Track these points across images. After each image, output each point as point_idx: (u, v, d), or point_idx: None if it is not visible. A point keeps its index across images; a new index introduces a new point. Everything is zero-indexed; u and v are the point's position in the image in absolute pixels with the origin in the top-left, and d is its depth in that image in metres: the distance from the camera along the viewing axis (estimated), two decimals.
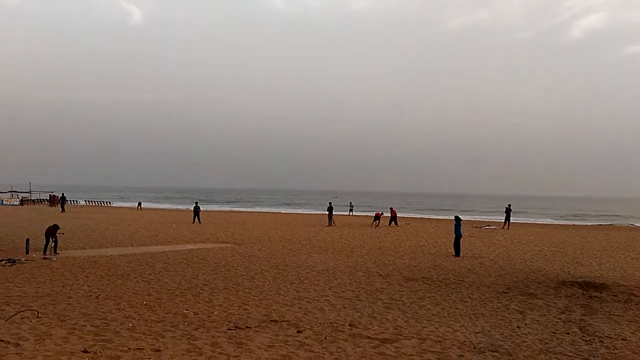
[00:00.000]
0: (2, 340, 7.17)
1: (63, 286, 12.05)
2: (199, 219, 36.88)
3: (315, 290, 12.54)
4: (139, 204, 64.97)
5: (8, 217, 38.53)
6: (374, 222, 36.72)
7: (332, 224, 35.96)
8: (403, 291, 12.78)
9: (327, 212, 37.46)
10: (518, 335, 8.97)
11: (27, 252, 17.58)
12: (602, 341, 8.73)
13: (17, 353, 6.64)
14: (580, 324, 9.94)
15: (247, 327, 8.81)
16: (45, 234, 17.99)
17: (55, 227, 18.24)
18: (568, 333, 9.21)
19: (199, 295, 11.50)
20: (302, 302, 11.18)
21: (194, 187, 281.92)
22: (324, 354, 7.33)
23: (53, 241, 17.90)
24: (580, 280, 14.84)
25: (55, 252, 17.71)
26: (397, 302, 11.44)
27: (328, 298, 11.68)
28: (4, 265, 14.83)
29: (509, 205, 38.31)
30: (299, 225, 37.18)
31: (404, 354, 7.54)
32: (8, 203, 65.39)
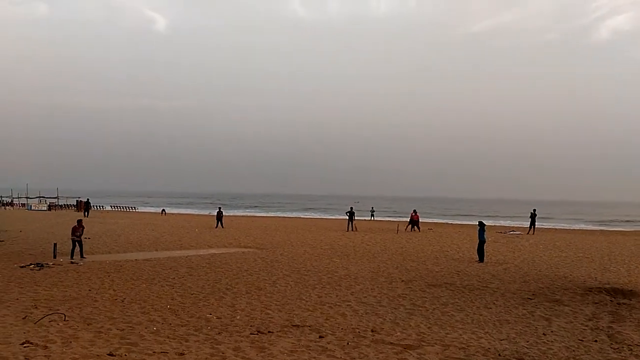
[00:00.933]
0: (31, 343, 7.33)
1: (89, 290, 12.27)
2: (221, 223, 37.19)
3: (337, 296, 12.51)
4: (163, 210, 65.98)
5: (36, 222, 39.42)
6: (408, 226, 36.87)
7: (354, 229, 35.72)
8: (426, 297, 12.67)
9: (347, 217, 37.18)
10: (544, 342, 8.80)
11: (54, 257, 17.94)
12: (631, 349, 8.51)
13: (45, 355, 6.79)
14: (608, 331, 9.71)
15: (269, 331, 8.84)
16: (72, 240, 18.31)
17: (79, 225, 18.55)
18: (596, 341, 9.01)
19: (221, 300, 11.58)
20: (324, 307, 11.18)
21: (216, 192, 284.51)
22: None
23: (77, 242, 18.19)
24: (608, 286, 14.49)
25: (82, 256, 18.05)
26: (420, 308, 11.34)
27: (350, 303, 11.65)
28: (33, 269, 15.17)
29: (534, 210, 37.69)
30: (320, 230, 37.19)
31: None
32: (36, 208, 66.90)
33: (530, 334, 9.38)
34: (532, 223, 36.76)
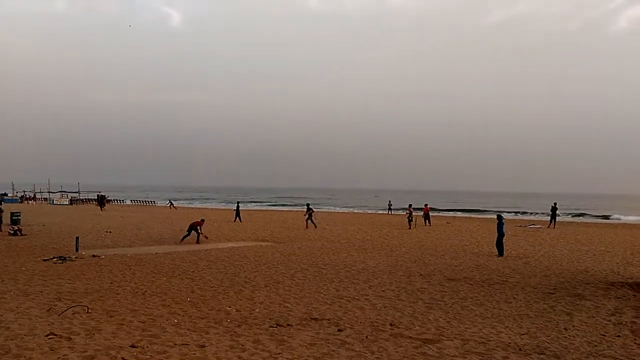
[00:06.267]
0: (56, 334, 7.48)
1: (111, 283, 12.45)
2: (239, 217, 37.43)
3: (355, 289, 12.52)
4: (171, 203, 66.62)
5: (59, 216, 40.12)
6: (410, 224, 33.73)
7: (312, 226, 31.63)
8: (445, 291, 12.60)
9: (306, 213, 33.09)
10: (565, 337, 8.70)
11: (76, 250, 18.25)
12: None
13: (69, 347, 6.92)
14: (631, 326, 9.55)
15: (288, 324, 8.88)
16: (189, 228, 22.38)
17: (202, 221, 23.14)
18: (619, 336, 8.88)
19: (240, 293, 11.67)
20: (342, 300, 11.19)
21: (234, 187, 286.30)
22: (366, 353, 7.32)
23: (194, 230, 22.20)
24: (631, 281, 14.27)
25: (197, 241, 21.78)
26: (439, 302, 11.28)
27: (368, 297, 11.64)
28: (56, 263, 15.45)
29: (555, 204, 37.25)
30: (338, 223, 37.19)
31: (447, 354, 7.44)
32: (58, 203, 68.12)
33: (552, 328, 9.27)
34: (553, 216, 36.36)
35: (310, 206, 34.65)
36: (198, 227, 22.38)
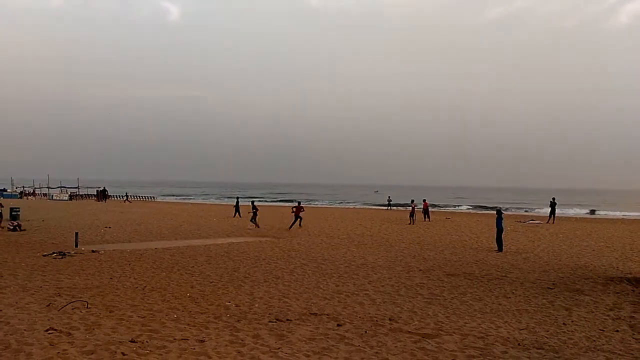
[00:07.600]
0: (55, 329, 7.49)
1: (111, 278, 12.46)
2: (239, 213, 37.42)
3: (354, 284, 12.53)
4: (126, 196, 67.62)
5: (58, 211, 40.10)
6: (411, 219, 33.56)
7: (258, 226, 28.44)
8: (444, 286, 12.62)
9: (251, 211, 29.23)
10: (564, 332, 8.72)
11: (76, 245, 18.24)
12: None
13: (69, 342, 6.92)
14: (630, 321, 9.58)
15: (287, 319, 8.89)
16: (295, 216, 26.76)
17: (299, 205, 27.87)
18: (617, 330, 8.90)
19: (240, 288, 11.68)
20: (342, 296, 11.20)
21: (233, 182, 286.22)
22: (365, 348, 7.33)
23: (298, 219, 27.02)
24: (630, 276, 14.29)
25: (289, 227, 26.30)
26: (438, 298, 11.31)
27: (367, 292, 11.66)
28: (55, 258, 15.45)
29: (554, 199, 37.23)
30: (337, 219, 37.22)
31: (446, 349, 7.46)
32: (58, 198, 68.13)
33: (550, 323, 9.30)
34: (552, 212, 36.33)
35: (255, 204, 30.91)
36: (300, 214, 26.68)
